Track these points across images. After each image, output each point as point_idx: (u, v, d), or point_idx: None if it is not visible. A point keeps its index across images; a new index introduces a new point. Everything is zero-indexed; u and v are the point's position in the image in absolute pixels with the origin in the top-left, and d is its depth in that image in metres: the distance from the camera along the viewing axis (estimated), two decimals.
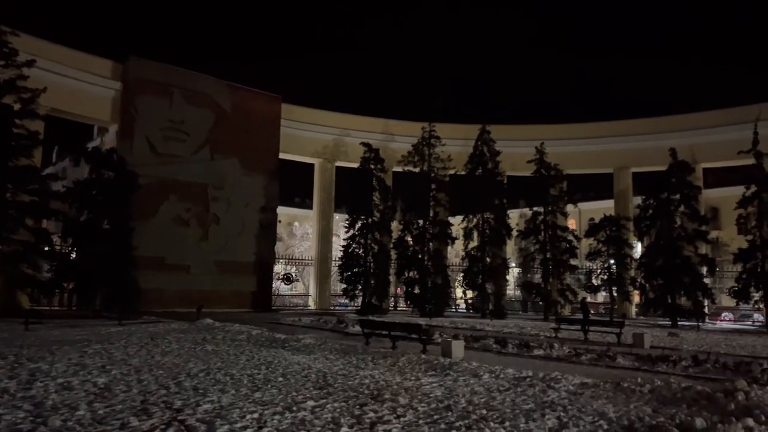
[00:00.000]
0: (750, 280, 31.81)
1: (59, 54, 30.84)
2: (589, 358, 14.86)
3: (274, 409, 7.69)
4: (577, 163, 41.89)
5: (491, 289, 37.05)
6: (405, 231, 37.04)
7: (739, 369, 12.87)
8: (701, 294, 33.68)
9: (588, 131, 42.60)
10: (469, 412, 7.74)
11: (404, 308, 39.73)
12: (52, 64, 29.64)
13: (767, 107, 35.25)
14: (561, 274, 37.44)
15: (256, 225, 36.54)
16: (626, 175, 42.06)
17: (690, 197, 34.61)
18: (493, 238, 37.22)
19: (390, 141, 41.46)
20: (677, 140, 36.89)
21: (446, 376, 10.82)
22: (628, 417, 7.50)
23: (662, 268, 34.13)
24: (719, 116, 38.60)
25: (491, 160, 38.05)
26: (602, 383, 9.97)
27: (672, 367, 13.47)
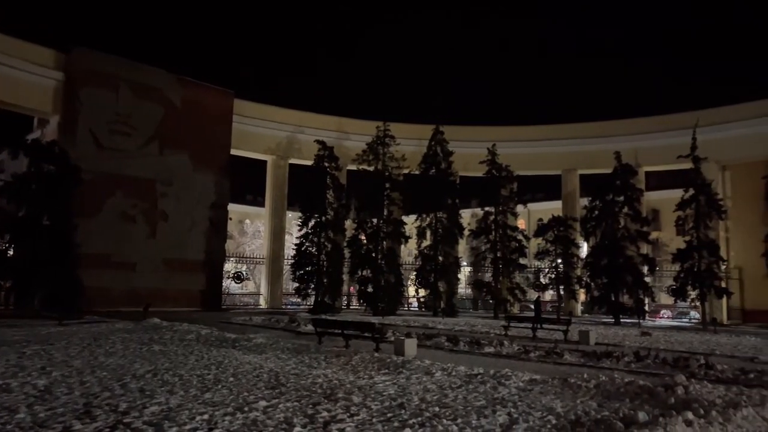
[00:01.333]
0: (687, 279, 33.36)
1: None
2: (537, 355, 15.23)
3: (225, 410, 7.54)
4: (527, 164, 42.85)
5: (443, 288, 37.47)
6: (359, 229, 37.03)
7: (677, 364, 13.46)
8: (642, 292, 35.13)
9: (538, 134, 43.66)
10: (422, 410, 7.80)
11: (357, 307, 39.73)
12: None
13: (705, 114, 37.10)
14: (511, 273, 38.29)
15: (206, 222, 35.76)
16: (574, 177, 43.34)
17: (633, 199, 36.02)
18: (446, 237, 37.65)
19: (344, 139, 41.36)
20: (622, 144, 38.27)
21: (399, 375, 10.87)
22: (575, 411, 7.72)
23: (606, 268, 35.42)
24: (661, 122, 40.27)
25: (444, 160, 38.47)
26: (550, 379, 10.24)
27: (616, 363, 13.96)
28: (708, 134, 35.25)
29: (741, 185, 39.63)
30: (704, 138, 34.35)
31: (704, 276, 32.78)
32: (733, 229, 39.60)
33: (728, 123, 37.48)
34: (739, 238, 39.27)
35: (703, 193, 33.71)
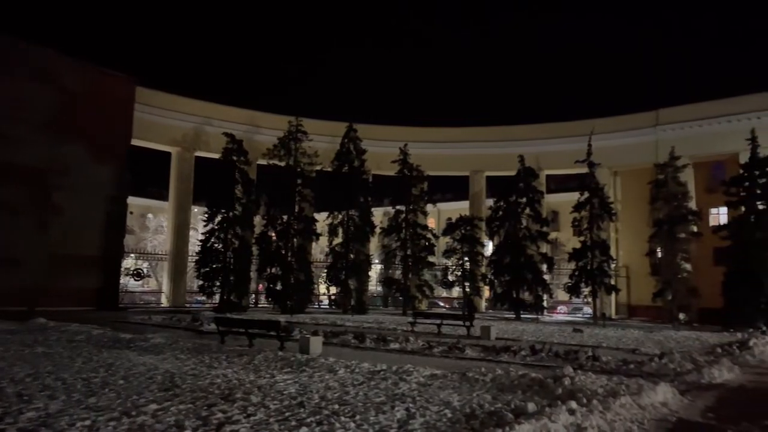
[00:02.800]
0: (581, 276, 35.56)
1: None
2: (440, 350, 15.62)
3: (110, 415, 7.09)
4: (437, 165, 43.89)
5: (354, 285, 37.59)
6: (268, 226, 36.30)
7: (568, 357, 14.29)
8: (541, 289, 37.09)
9: (447, 136, 44.86)
10: (321, 408, 7.73)
11: (266, 305, 38.94)
12: None
13: (600, 123, 39.70)
14: (420, 271, 39.07)
15: (103, 216, 33.59)
16: (480, 178, 44.93)
17: (535, 201, 37.94)
18: (357, 235, 37.78)
19: (255, 133, 40.33)
20: (525, 148, 40.11)
21: (302, 373, 10.75)
22: (470, 405, 7.96)
23: (509, 266, 37.10)
24: (560, 128, 42.66)
25: (357, 158, 38.58)
26: (450, 374, 10.51)
27: (513, 357, 14.61)
28: (602, 141, 37.68)
29: (630, 190, 42.85)
30: (599, 145, 36.69)
31: (596, 274, 35.06)
32: (622, 230, 42.73)
33: (619, 132, 40.40)
34: (627, 239, 42.46)
35: (597, 196, 36.05)
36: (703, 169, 40.06)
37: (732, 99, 38.11)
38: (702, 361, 13.14)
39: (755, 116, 36.08)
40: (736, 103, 37.65)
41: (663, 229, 34.94)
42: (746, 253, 30.16)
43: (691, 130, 38.70)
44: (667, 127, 39.52)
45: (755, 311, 29.43)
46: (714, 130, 37.85)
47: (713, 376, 11.45)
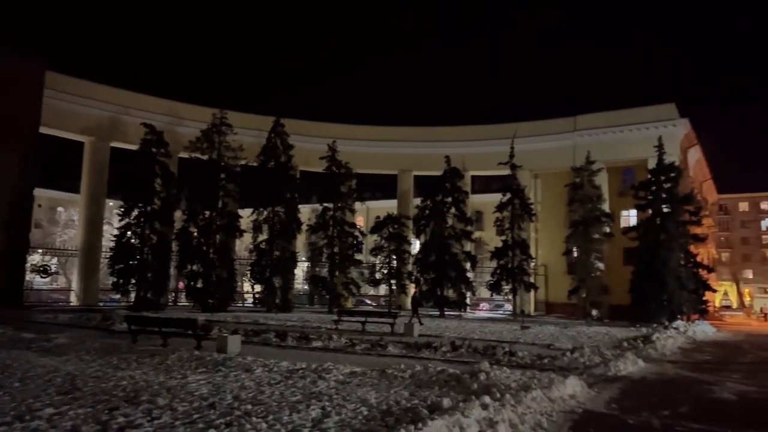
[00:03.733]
0: (503, 274, 36.68)
1: None
2: (363, 347, 15.57)
3: (2, 419, 6.54)
4: (366, 163, 43.91)
5: (279, 283, 36.92)
6: (189, 221, 34.94)
7: (486, 352, 14.62)
8: (465, 287, 37.94)
9: (376, 134, 44.99)
10: (233, 409, 7.45)
11: (185, 304, 37.52)
12: None
13: (523, 126, 41.15)
14: (347, 269, 38.93)
15: (6, 208, 31.11)
16: (408, 177, 45.40)
17: (460, 201, 38.73)
18: (283, 232, 37.11)
19: (177, 125, 38.71)
20: (452, 149, 40.85)
21: (217, 373, 10.36)
22: (387, 402, 7.93)
23: (434, 264, 37.68)
24: (485, 131, 43.84)
25: (284, 153, 37.90)
26: (370, 371, 10.46)
27: (434, 353, 14.77)
28: (524, 145, 39.01)
29: (549, 192, 44.69)
30: (520, 148, 37.96)
31: (516, 272, 36.28)
32: (541, 230, 44.50)
33: (540, 136, 42.04)
34: (545, 239, 44.26)
35: (518, 197, 37.29)
36: (615, 173, 42.37)
37: (641, 108, 40.56)
38: (609, 355, 13.81)
39: (662, 125, 38.58)
40: (645, 112, 40.10)
41: (578, 230, 36.66)
42: (652, 254, 32.12)
43: (605, 136, 40.82)
44: (583, 132, 41.49)
45: (659, 307, 31.44)
46: (626, 137, 40.10)
47: (619, 369, 12.04)
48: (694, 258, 34.08)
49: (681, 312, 31.87)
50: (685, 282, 32.01)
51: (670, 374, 12.38)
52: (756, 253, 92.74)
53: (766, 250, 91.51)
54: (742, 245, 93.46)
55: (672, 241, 32.13)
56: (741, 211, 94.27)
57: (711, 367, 13.88)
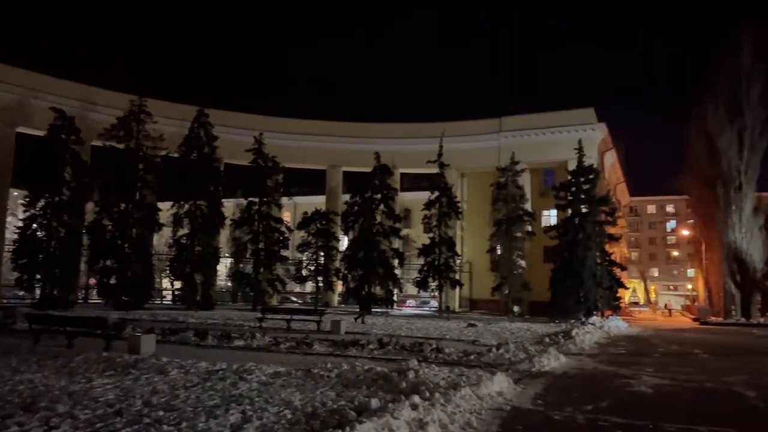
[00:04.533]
0: (429, 271, 37.02)
1: None
2: (287, 346, 15.07)
3: None
4: (295, 157, 43.11)
5: (200, 280, 35.50)
6: (102, 214, 32.82)
7: (414, 349, 14.50)
8: (392, 283, 37.96)
9: (305, 128, 44.24)
10: (142, 415, 6.83)
11: (98, 301, 35.30)
12: None
13: (451, 126, 41.69)
14: (272, 265, 37.99)
15: None
16: (337, 173, 44.97)
17: (389, 198, 38.67)
18: (205, 227, 35.69)
19: (90, 111, 36.31)
20: (381, 146, 40.77)
21: (127, 376, 9.58)
22: (312, 403, 7.55)
23: (362, 260, 37.44)
24: (414, 129, 44.15)
25: (208, 144, 36.48)
26: (295, 371, 10.02)
27: (361, 351, 14.49)
28: (452, 144, 39.52)
29: (474, 191, 45.60)
30: (449, 147, 38.43)
31: (443, 269, 36.72)
32: (467, 228, 45.32)
33: (467, 136, 42.83)
34: (471, 237, 45.11)
35: (446, 195, 37.76)
36: (537, 174, 43.84)
37: (563, 112, 42.19)
38: (533, 351, 14.07)
39: (582, 129, 40.27)
40: (566, 116, 41.73)
41: (502, 228, 37.63)
42: (570, 252, 33.39)
43: (528, 138, 42.14)
44: (508, 134, 42.63)
45: (576, 304, 32.74)
46: (547, 140, 41.56)
47: (542, 365, 12.24)
48: (609, 256, 35.76)
49: (596, 308, 33.34)
50: (601, 279, 33.50)
51: (589, 369, 12.74)
52: (661, 252, 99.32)
53: (670, 250, 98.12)
54: (650, 245, 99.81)
55: (589, 240, 33.52)
56: (649, 213, 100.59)
57: (626, 361, 14.43)
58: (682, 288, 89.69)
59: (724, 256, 41.82)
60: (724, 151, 40.00)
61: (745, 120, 39.37)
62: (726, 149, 39.83)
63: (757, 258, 39.99)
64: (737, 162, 39.87)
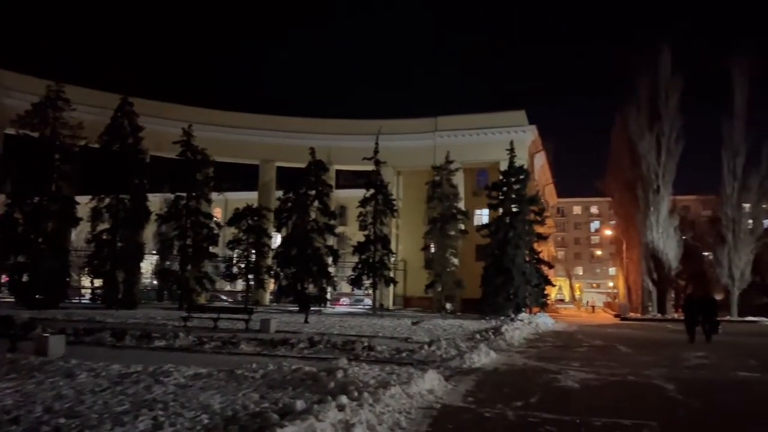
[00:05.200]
0: (364, 269, 36.83)
1: None
2: (212, 346, 14.39)
3: None
4: (226, 151, 41.83)
5: (122, 277, 33.71)
6: (14, 206, 30.50)
7: (345, 347, 14.19)
8: (326, 281, 37.50)
9: (238, 121, 43.03)
10: (41, 423, 6.15)
11: (8, 299, 32.80)
12: None
13: (387, 123, 41.70)
14: (200, 262, 36.64)
15: None
16: (271, 168, 44.00)
17: (323, 194, 38.20)
18: (128, 221, 33.93)
19: (2, 96, 33.77)
20: (317, 141, 40.24)
21: (30, 380, 8.73)
22: (233, 406, 7.08)
23: (295, 258, 36.75)
24: (351, 126, 43.83)
25: (132, 135, 34.71)
26: (217, 372, 9.46)
27: (290, 350, 14.03)
28: (388, 142, 39.58)
29: (410, 189, 45.84)
30: (385, 145, 38.44)
31: (377, 267, 36.64)
32: (402, 226, 45.50)
33: (403, 134, 43.01)
34: (406, 235, 45.32)
35: (381, 193, 37.71)
36: (471, 174, 44.60)
37: (496, 114, 43.12)
38: (464, 347, 14.07)
39: (513, 130, 41.29)
40: (499, 117, 42.67)
41: (436, 227, 38.01)
42: (501, 250, 34.12)
43: (463, 138, 42.79)
44: (443, 133, 43.12)
45: (506, 300, 33.49)
46: (481, 140, 42.36)
47: (473, 361, 12.23)
48: (538, 255, 36.82)
49: (525, 305, 34.23)
50: (530, 277, 34.43)
51: (519, 364, 12.85)
52: (586, 252, 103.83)
53: (593, 250, 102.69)
54: (575, 245, 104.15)
55: (519, 239, 34.37)
56: (575, 214, 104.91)
57: (554, 356, 14.71)
58: (604, 286, 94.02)
59: (643, 255, 43.99)
60: (644, 156, 42.09)
61: (663, 126, 41.59)
62: (646, 153, 41.92)
63: (672, 257, 42.33)
64: (656, 166, 42.06)
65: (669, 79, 41.47)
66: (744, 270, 40.80)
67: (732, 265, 40.74)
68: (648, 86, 42.38)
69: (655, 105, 42.01)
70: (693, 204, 67.81)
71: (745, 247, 40.74)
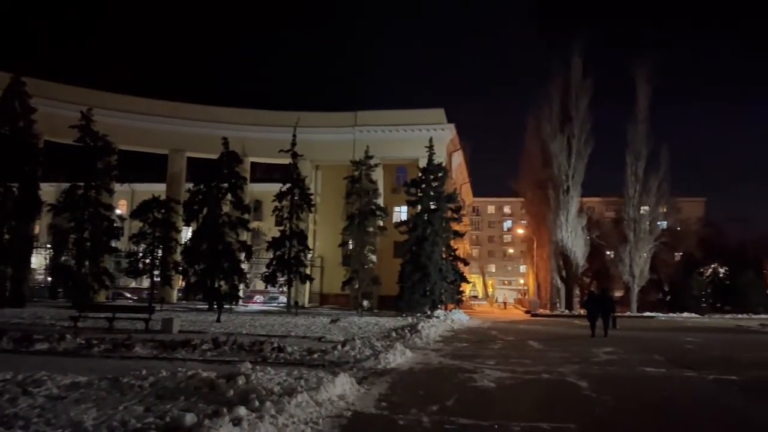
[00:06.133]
0: (279, 265, 35.58)
1: None
2: (103, 349, 13.00)
3: None
4: (132, 139, 39.16)
5: (9, 273, 30.60)
6: None
7: (253, 348, 13.25)
8: (238, 278, 35.82)
9: (145, 107, 40.39)
10: None
11: None
12: None
13: (306, 116, 40.58)
14: (99, 257, 33.96)
15: None
16: (181, 158, 41.69)
17: (237, 187, 36.43)
18: (17, 212, 30.82)
19: None
20: (231, 132, 38.44)
21: None
22: (110, 423, 6.08)
23: (206, 253, 34.82)
24: (268, 117, 42.34)
25: (23, 117, 31.56)
26: (98, 381, 8.31)
27: (192, 353, 12.91)
28: (307, 135, 38.49)
29: (329, 184, 45.01)
30: (304, 138, 37.31)
31: (293, 263, 35.50)
32: (320, 222, 44.59)
33: (322, 127, 42.10)
34: (324, 231, 44.46)
35: (298, 187, 36.59)
36: (390, 170, 44.42)
37: (415, 111, 43.16)
38: (379, 347, 13.53)
39: (432, 128, 41.45)
40: (418, 115, 42.74)
41: (354, 223, 37.36)
42: (419, 247, 34.08)
43: (383, 134, 42.47)
44: (363, 128, 42.61)
45: (423, 297, 33.50)
46: (401, 137, 42.24)
47: (388, 361, 11.72)
48: (454, 252, 37.12)
49: (441, 301, 34.39)
50: (446, 273, 34.63)
51: (435, 364, 12.49)
52: (499, 250, 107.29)
53: (506, 248, 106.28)
54: (489, 243, 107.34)
55: (436, 236, 34.48)
56: (489, 213, 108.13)
57: (469, 354, 14.52)
58: (516, 283, 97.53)
59: (552, 253, 45.71)
60: (556, 156, 43.69)
61: (573, 128, 43.32)
62: (557, 154, 43.52)
63: (579, 255, 44.24)
64: (566, 167, 43.77)
65: (580, 82, 43.22)
66: (643, 268, 43.34)
67: (633, 264, 43.13)
68: (560, 89, 44.00)
69: (566, 107, 43.68)
70: (597, 206, 71.55)
71: (645, 246, 43.28)
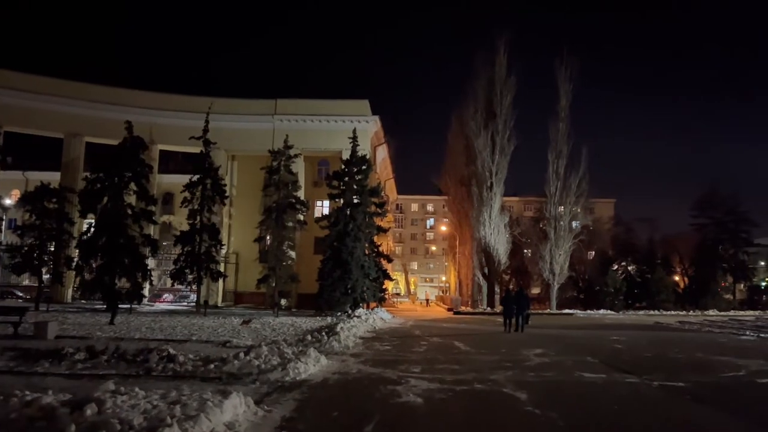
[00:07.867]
0: (187, 262, 32.79)
1: None
2: None
3: None
4: (21, 120, 35.04)
5: None
6: None
7: (137, 358, 11.13)
8: (141, 275, 32.68)
9: (36, 85, 36.11)
10: None
11: None
12: None
13: (220, 102, 37.80)
14: None
15: None
16: (78, 143, 37.75)
17: (142, 175, 33.19)
18: None
19: None
20: (135, 116, 34.86)
21: None
22: None
23: (104, 247, 31.43)
24: (179, 101, 39.19)
25: None
26: None
27: (58, 365, 10.62)
28: (221, 122, 35.86)
29: (245, 175, 42.34)
30: (217, 125, 34.65)
31: (203, 259, 32.82)
32: (235, 215, 41.88)
33: (239, 115, 39.46)
34: (239, 225, 41.75)
35: (210, 177, 33.89)
36: (312, 163, 42.44)
37: (339, 101, 41.40)
38: (290, 354, 11.73)
39: (356, 120, 39.88)
40: (342, 105, 41.02)
41: (272, 216, 35.09)
42: (340, 242, 32.42)
43: (304, 124, 40.43)
44: (283, 117, 40.39)
45: (344, 295, 31.87)
46: (323, 127, 40.38)
47: (298, 372, 10.03)
48: (377, 248, 35.77)
49: (363, 299, 32.91)
50: (369, 270, 33.18)
51: (353, 373, 10.88)
52: (421, 247, 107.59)
53: (429, 245, 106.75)
54: (411, 240, 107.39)
55: (359, 231, 32.95)
56: (412, 211, 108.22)
57: (392, 359, 13.06)
58: (438, 280, 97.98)
59: (475, 250, 45.45)
60: (480, 153, 43.37)
61: (498, 125, 43.17)
62: (481, 150, 43.20)
63: (501, 252, 44.21)
64: (489, 164, 43.55)
65: (504, 80, 43.12)
66: (563, 266, 43.89)
67: (553, 261, 43.59)
68: (485, 86, 43.74)
69: (490, 104, 43.46)
70: (516, 205, 72.95)
71: (565, 244, 43.84)
